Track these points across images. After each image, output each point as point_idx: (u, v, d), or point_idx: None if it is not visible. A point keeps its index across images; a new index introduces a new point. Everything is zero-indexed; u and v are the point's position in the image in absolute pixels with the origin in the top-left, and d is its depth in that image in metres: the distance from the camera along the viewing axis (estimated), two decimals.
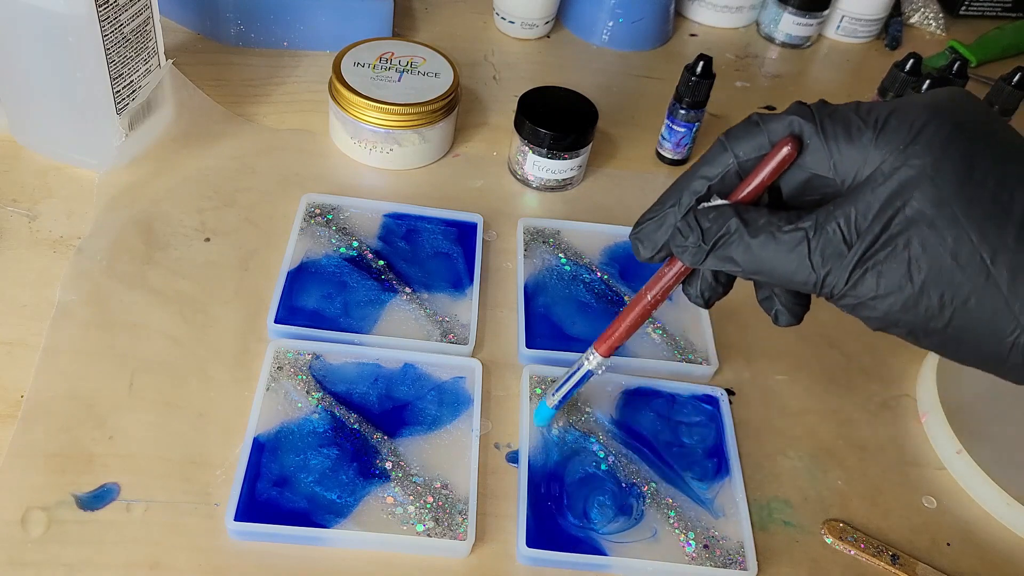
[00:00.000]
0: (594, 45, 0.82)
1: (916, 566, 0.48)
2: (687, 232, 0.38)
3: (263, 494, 0.45)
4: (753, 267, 0.36)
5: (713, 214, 0.37)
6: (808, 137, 0.35)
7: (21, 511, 0.43)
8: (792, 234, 0.35)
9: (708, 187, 0.38)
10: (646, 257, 0.41)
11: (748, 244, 0.36)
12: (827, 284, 0.35)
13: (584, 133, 0.63)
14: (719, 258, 0.37)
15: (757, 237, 0.36)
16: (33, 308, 0.51)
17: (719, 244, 0.37)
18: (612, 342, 0.45)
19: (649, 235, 0.40)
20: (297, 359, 0.51)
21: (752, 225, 0.36)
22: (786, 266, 0.35)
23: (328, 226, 0.58)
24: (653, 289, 0.43)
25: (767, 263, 0.36)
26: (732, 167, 0.37)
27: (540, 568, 0.45)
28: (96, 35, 0.52)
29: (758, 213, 0.36)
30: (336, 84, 0.62)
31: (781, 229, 0.35)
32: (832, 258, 0.34)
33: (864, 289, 0.34)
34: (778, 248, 0.35)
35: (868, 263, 0.34)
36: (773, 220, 0.35)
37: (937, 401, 0.54)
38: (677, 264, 0.41)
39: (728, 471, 0.50)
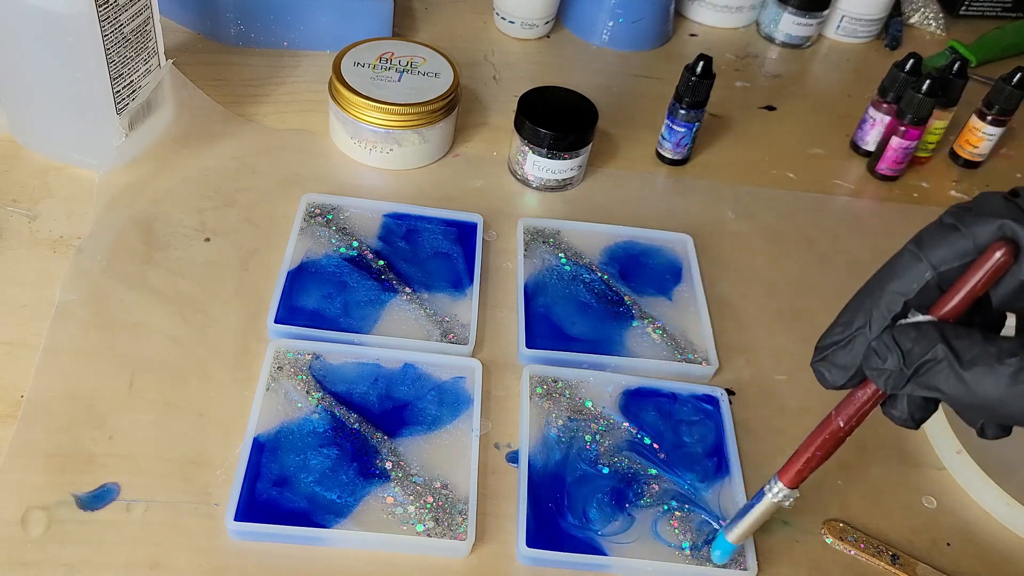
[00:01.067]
0: (594, 45, 0.82)
1: (916, 566, 0.48)
2: (884, 354, 0.33)
3: (263, 494, 0.45)
4: (966, 400, 0.32)
5: (915, 334, 0.33)
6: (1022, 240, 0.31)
7: (21, 511, 0.43)
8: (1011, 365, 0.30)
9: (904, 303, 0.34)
10: (836, 385, 0.36)
11: (959, 375, 0.32)
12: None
13: (584, 133, 0.63)
14: (923, 386, 0.33)
15: (971, 370, 0.31)
16: (33, 308, 0.51)
17: (922, 371, 0.33)
18: (801, 472, 0.40)
19: (837, 361, 0.36)
20: (297, 359, 0.51)
21: (964, 355, 0.32)
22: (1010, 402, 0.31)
23: (328, 226, 0.58)
24: (845, 414, 0.38)
25: (982, 397, 0.31)
26: (931, 279, 0.33)
27: (540, 568, 0.45)
28: (96, 35, 0.52)
29: (970, 339, 0.32)
30: (336, 84, 0.62)
31: (1001, 360, 0.31)
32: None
33: None
34: (997, 381, 0.31)
35: None
36: (989, 349, 0.31)
37: None
38: (869, 387, 0.36)
39: (728, 471, 0.50)
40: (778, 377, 0.56)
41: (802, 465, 0.40)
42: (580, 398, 0.52)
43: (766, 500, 0.42)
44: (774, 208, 0.68)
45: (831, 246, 0.66)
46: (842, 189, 0.71)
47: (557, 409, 0.51)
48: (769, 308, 0.60)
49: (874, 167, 0.72)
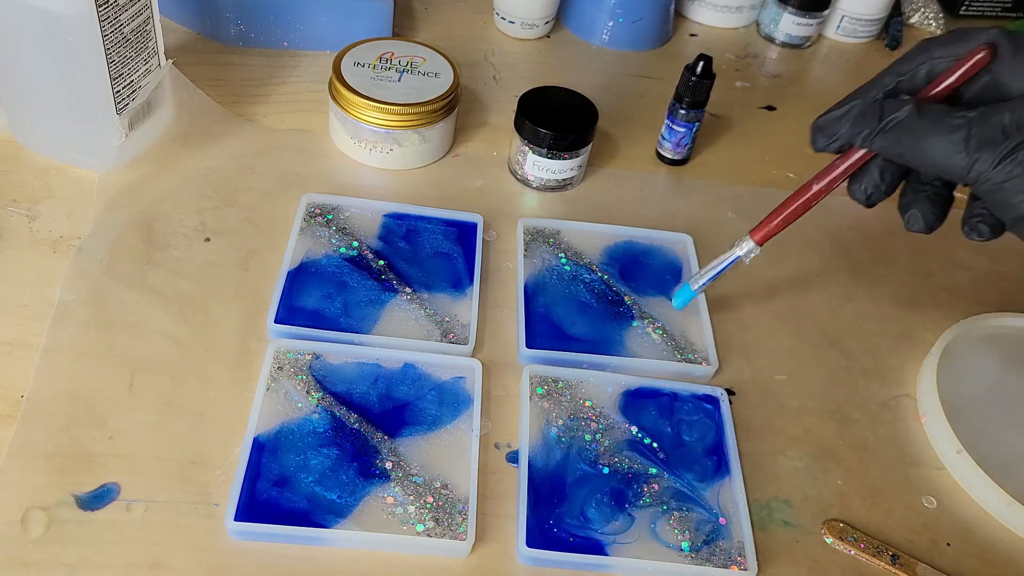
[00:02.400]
0: (594, 45, 0.82)
1: (916, 566, 0.48)
2: (869, 115, 0.41)
3: (263, 494, 0.45)
4: (913, 149, 0.40)
5: (893, 102, 0.41)
6: (1002, 47, 0.40)
7: (21, 511, 0.43)
8: (958, 120, 0.39)
9: (898, 83, 0.42)
10: (822, 146, 0.43)
11: (915, 127, 0.40)
12: (975, 168, 0.38)
13: (584, 133, 0.63)
14: (888, 139, 0.41)
15: (925, 119, 0.39)
16: (33, 308, 0.51)
17: (889, 126, 0.40)
18: (770, 230, 0.48)
19: (830, 124, 0.43)
20: (297, 359, 0.51)
21: (925, 111, 0.40)
22: (942, 148, 0.39)
23: (328, 226, 0.58)
24: (822, 180, 0.45)
25: (926, 145, 0.39)
26: (923, 68, 0.42)
27: (540, 568, 0.45)
28: (96, 35, 0.52)
29: (934, 105, 0.40)
30: (336, 84, 0.62)
31: (950, 114, 0.39)
32: (987, 145, 0.38)
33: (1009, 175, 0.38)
34: (940, 131, 0.39)
35: (1018, 154, 0.37)
36: (945, 110, 0.39)
37: (937, 401, 0.54)
38: (850, 158, 0.44)
39: (728, 471, 0.50)
40: (778, 377, 0.56)
41: (774, 225, 0.48)
42: (580, 398, 0.52)
43: (733, 253, 0.50)
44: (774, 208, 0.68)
45: (831, 246, 0.66)
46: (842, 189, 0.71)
47: (557, 409, 0.51)
48: (769, 308, 0.60)
49: None
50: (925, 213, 0.44)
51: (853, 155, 0.44)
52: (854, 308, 0.61)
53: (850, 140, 0.42)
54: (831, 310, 0.61)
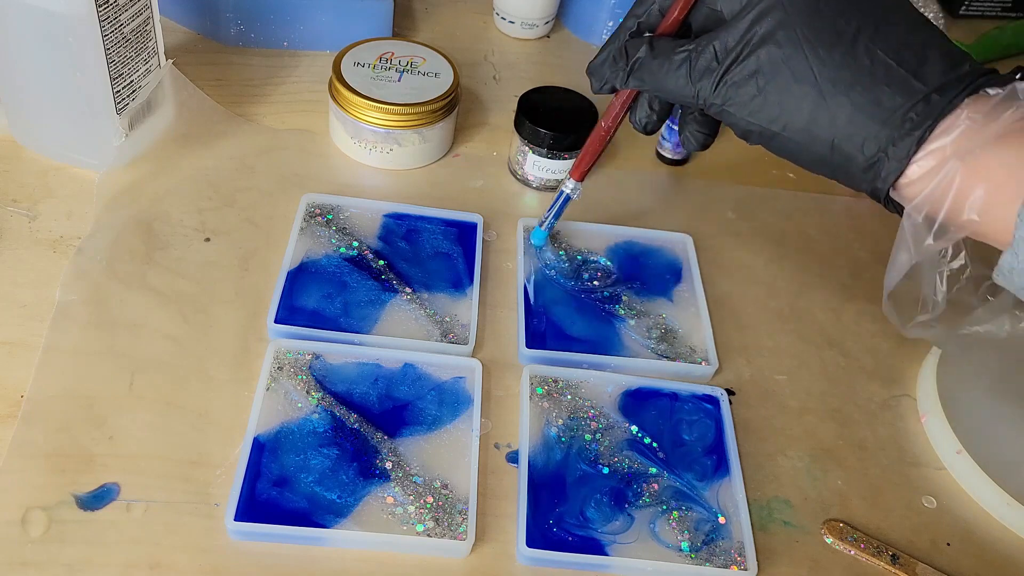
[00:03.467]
0: (594, 45, 0.82)
1: (916, 566, 0.48)
2: (619, 59, 0.46)
3: (263, 494, 0.45)
4: (654, 84, 0.45)
5: (635, 43, 0.46)
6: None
7: (21, 511, 0.43)
8: (681, 55, 0.43)
9: (638, 24, 0.47)
10: (596, 89, 0.49)
11: (651, 65, 0.45)
12: (700, 95, 0.43)
13: (584, 133, 0.63)
14: (635, 78, 0.46)
15: (657, 59, 0.44)
16: (33, 308, 0.51)
17: (635, 67, 0.46)
18: (581, 166, 0.55)
19: (596, 69, 0.48)
20: (297, 359, 0.51)
21: (656, 49, 0.45)
22: (674, 82, 0.44)
23: (328, 226, 0.58)
24: (607, 118, 0.52)
25: (662, 80, 0.44)
26: (655, 6, 0.47)
27: (540, 568, 0.45)
28: (96, 35, 0.52)
29: (664, 41, 0.45)
30: (336, 84, 0.62)
31: (675, 51, 0.44)
32: (705, 73, 0.42)
33: (725, 96, 0.42)
34: (670, 67, 0.44)
35: (729, 75, 0.42)
36: (672, 46, 0.44)
37: (937, 401, 0.54)
38: (621, 96, 0.50)
39: (728, 471, 0.50)
40: (778, 377, 0.56)
41: (583, 161, 0.55)
42: (580, 398, 0.52)
43: (563, 193, 0.56)
44: (774, 208, 0.68)
45: (831, 246, 0.66)
46: (842, 189, 0.71)
47: (557, 409, 0.51)
48: (769, 308, 0.60)
49: None
50: (694, 134, 0.48)
51: (624, 93, 0.50)
52: (854, 308, 0.61)
53: (612, 82, 0.47)
54: (831, 310, 0.61)
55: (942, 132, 0.38)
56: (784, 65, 0.40)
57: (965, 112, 0.38)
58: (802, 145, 0.42)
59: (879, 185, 0.40)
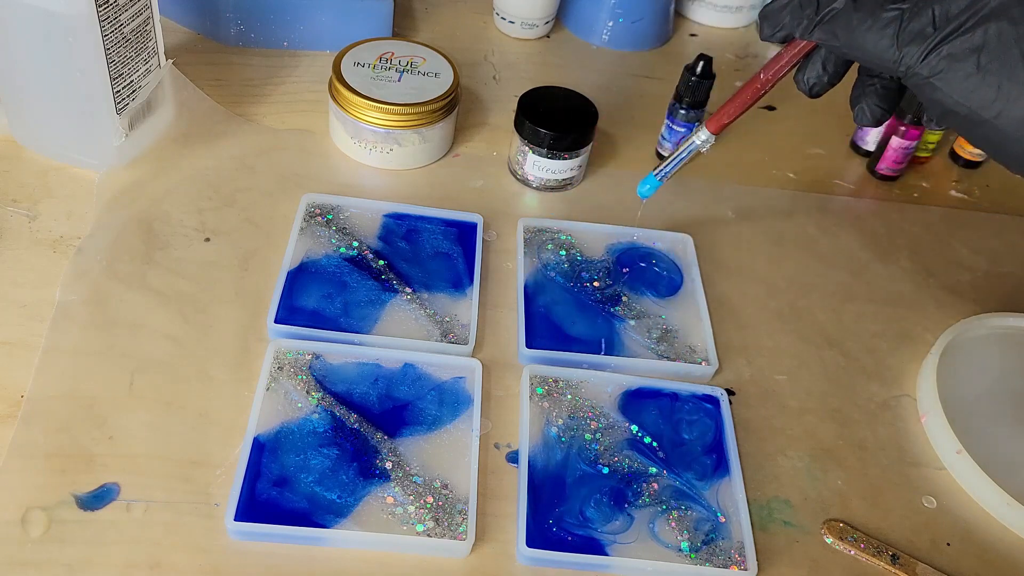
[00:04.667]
0: (594, 45, 0.82)
1: (916, 566, 0.48)
2: (806, 6, 0.42)
3: (263, 494, 0.45)
4: (848, 40, 0.40)
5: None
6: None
7: (21, 511, 0.43)
8: (890, 12, 0.39)
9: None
10: (768, 35, 0.44)
11: (850, 18, 0.40)
12: (904, 61, 0.39)
13: (584, 133, 0.63)
14: (826, 31, 0.41)
15: (860, 12, 0.40)
16: (33, 308, 0.51)
17: (826, 17, 0.41)
18: (722, 119, 0.49)
19: (773, 14, 0.43)
20: (297, 359, 0.51)
21: (860, 2, 0.40)
22: (875, 41, 0.39)
23: (328, 226, 0.58)
24: (768, 70, 0.47)
25: (860, 37, 0.40)
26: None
27: (540, 568, 0.45)
28: (96, 35, 0.52)
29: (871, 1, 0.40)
30: (336, 84, 0.62)
31: (883, 6, 0.39)
32: (917, 37, 0.38)
33: (935, 68, 0.38)
34: (874, 23, 0.39)
35: (946, 44, 0.37)
36: (880, 2, 0.39)
37: (937, 401, 0.54)
38: (793, 49, 0.45)
39: (728, 471, 0.50)
40: (778, 377, 0.56)
41: (726, 114, 0.50)
42: (580, 398, 0.52)
43: (692, 142, 0.51)
44: (774, 208, 0.68)
45: (831, 246, 0.66)
46: (842, 189, 0.72)
47: (557, 409, 0.51)
48: (769, 308, 0.60)
49: (874, 167, 0.73)
50: (871, 107, 0.45)
51: (797, 45, 0.45)
52: (854, 308, 0.61)
53: (791, 31, 0.43)
54: (831, 310, 0.61)
55: None
56: (1015, 45, 0.36)
57: None
58: (1015, 138, 0.37)
59: None
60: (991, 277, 0.66)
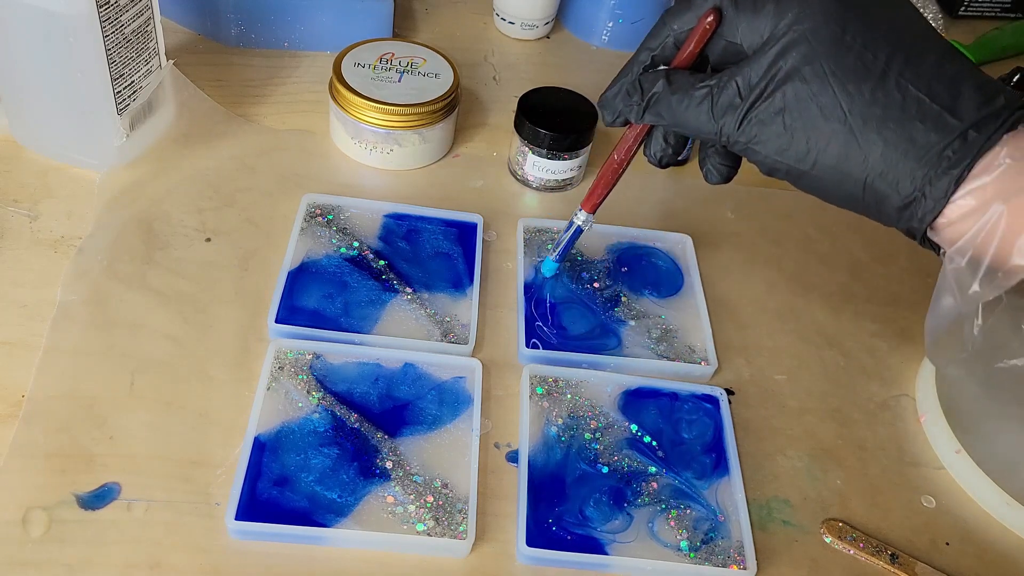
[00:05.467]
0: (594, 46, 0.82)
1: (915, 565, 0.48)
2: (633, 93, 0.45)
3: (264, 493, 0.45)
4: (672, 119, 0.44)
5: (651, 77, 0.44)
6: (726, 9, 0.42)
7: (22, 511, 0.43)
8: (701, 91, 0.42)
9: (652, 58, 0.45)
10: (609, 122, 0.47)
11: (670, 101, 0.43)
12: (723, 132, 0.42)
13: (584, 133, 0.63)
14: (652, 113, 0.45)
15: (676, 94, 0.43)
16: (33, 308, 0.51)
17: (651, 102, 0.44)
18: (593, 198, 0.54)
19: (609, 102, 0.47)
20: (298, 359, 0.51)
21: (675, 84, 0.43)
22: (695, 118, 0.42)
23: (328, 226, 0.58)
24: (620, 151, 0.50)
25: (681, 116, 0.43)
26: (670, 39, 0.44)
27: (540, 568, 0.45)
28: (97, 36, 0.52)
29: (683, 76, 0.43)
30: (336, 84, 0.63)
31: (695, 87, 0.42)
32: (728, 110, 0.41)
33: (750, 135, 0.41)
34: (690, 103, 0.42)
35: (754, 112, 0.40)
36: (691, 81, 0.43)
37: (936, 401, 0.54)
38: (635, 129, 0.49)
39: (728, 471, 0.50)
40: (778, 377, 0.56)
41: (596, 193, 0.53)
42: (580, 398, 0.52)
43: (575, 224, 0.55)
44: (774, 208, 0.68)
45: (831, 246, 0.66)
46: None
47: (557, 408, 0.51)
48: (769, 308, 0.60)
49: None
50: (718, 167, 0.47)
51: (638, 126, 0.48)
52: (854, 308, 0.62)
53: (625, 115, 0.46)
54: (831, 310, 0.61)
55: (982, 171, 0.37)
56: (811, 102, 0.39)
57: (1004, 150, 0.36)
58: (832, 183, 0.40)
59: (915, 225, 0.39)
60: None
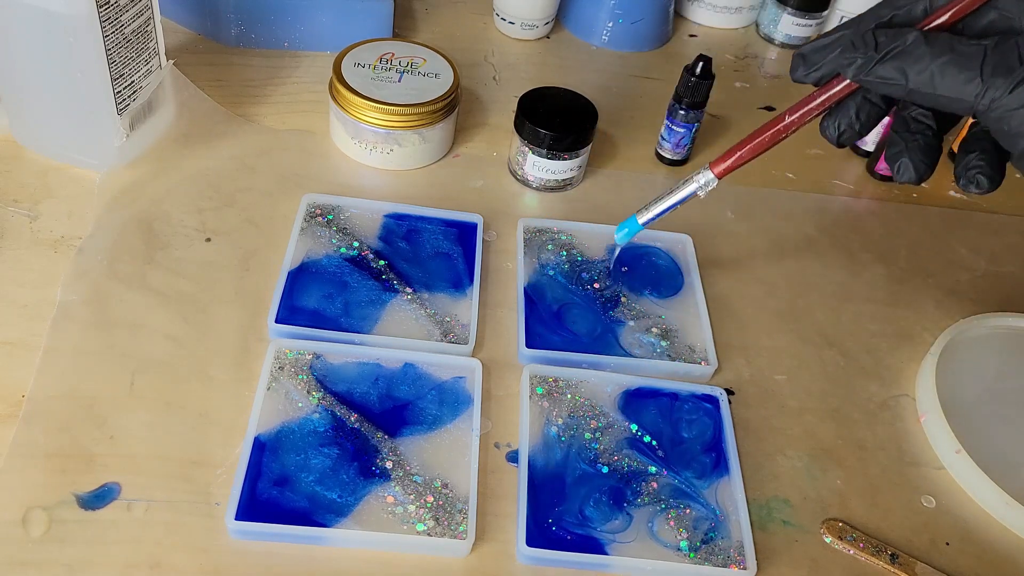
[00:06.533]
0: (594, 46, 0.82)
1: (915, 565, 0.48)
2: (860, 45, 0.38)
3: (264, 493, 0.45)
4: (920, 78, 0.37)
5: (892, 32, 0.38)
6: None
7: (22, 511, 0.43)
8: (973, 47, 0.37)
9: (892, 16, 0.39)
10: (800, 76, 0.41)
11: (923, 54, 0.37)
12: (988, 94, 0.36)
13: (584, 133, 0.63)
14: (891, 67, 0.38)
15: (935, 46, 0.37)
16: (34, 308, 0.51)
17: (891, 53, 0.38)
18: (733, 163, 0.44)
19: (815, 51, 0.40)
20: (298, 359, 0.51)
21: (932, 38, 0.37)
22: (952, 77, 0.37)
23: (329, 226, 0.58)
24: (797, 111, 0.42)
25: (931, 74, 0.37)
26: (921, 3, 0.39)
27: (540, 568, 0.45)
28: (97, 36, 0.52)
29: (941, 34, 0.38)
30: (336, 84, 0.63)
31: (962, 42, 0.37)
32: (1002, 71, 0.36)
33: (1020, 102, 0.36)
34: (953, 58, 0.37)
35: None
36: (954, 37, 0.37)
37: (936, 401, 0.54)
38: (832, 88, 0.41)
39: (728, 470, 0.50)
40: (778, 377, 0.56)
41: (738, 157, 0.44)
42: (580, 398, 0.52)
43: (689, 186, 0.46)
44: (774, 208, 0.68)
45: (831, 246, 0.66)
46: (842, 189, 0.72)
47: (557, 408, 0.51)
48: (769, 308, 0.60)
49: (873, 167, 0.73)
50: (916, 163, 0.41)
51: (833, 87, 0.41)
52: (854, 308, 0.62)
53: (839, 69, 0.40)
54: (831, 310, 0.61)
55: None
56: None
57: None
58: None
59: None
60: (990, 277, 0.66)
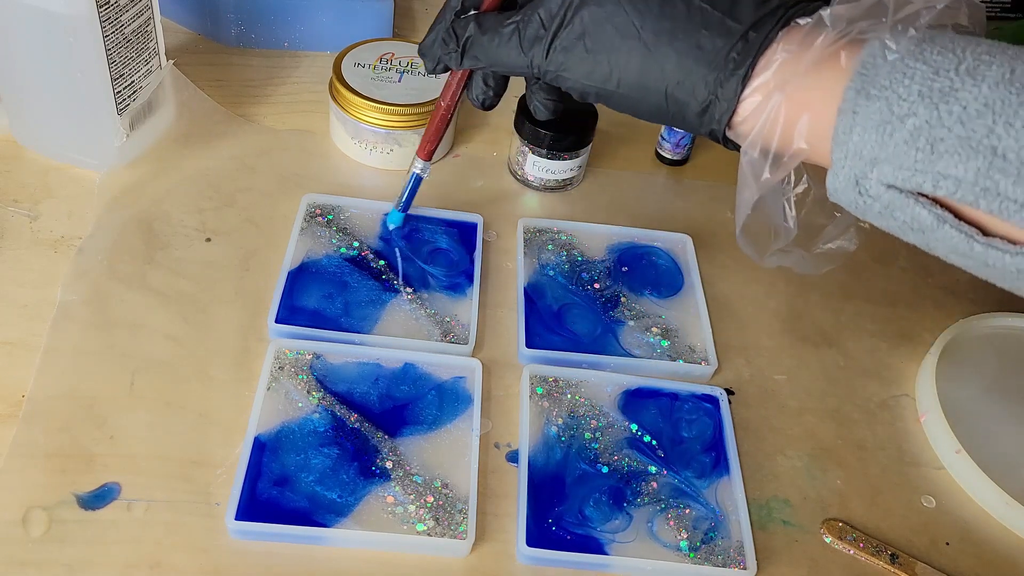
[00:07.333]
0: None
1: (915, 565, 0.48)
2: (448, 40, 0.47)
3: (264, 493, 0.45)
4: (488, 60, 0.45)
5: (463, 23, 0.46)
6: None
7: (22, 511, 0.43)
8: (509, 27, 0.44)
9: (462, 3, 0.47)
10: (430, 70, 0.49)
11: (482, 42, 0.45)
12: (534, 63, 0.43)
13: (584, 133, 0.63)
14: (469, 57, 0.46)
15: (487, 35, 0.45)
16: (34, 308, 0.51)
17: (467, 47, 0.46)
18: (427, 146, 0.55)
19: (428, 51, 0.48)
20: (298, 359, 0.51)
21: (484, 25, 0.45)
22: (507, 55, 0.44)
23: (329, 226, 0.58)
24: (444, 96, 0.52)
25: (495, 55, 0.45)
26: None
27: (540, 567, 0.45)
28: (97, 36, 0.52)
29: (491, 17, 0.45)
30: (336, 84, 0.63)
31: (503, 25, 0.44)
32: (535, 41, 0.43)
33: (557, 63, 0.43)
34: (500, 41, 0.44)
35: (557, 41, 0.42)
36: (500, 20, 0.44)
37: (936, 401, 0.54)
38: (457, 74, 0.50)
39: (727, 470, 0.50)
40: (777, 377, 0.56)
41: (427, 141, 0.54)
42: (580, 398, 0.52)
43: (414, 173, 0.56)
44: None
45: None
46: None
47: (557, 408, 0.51)
48: (768, 308, 0.60)
49: None
50: (544, 103, 0.49)
51: (459, 72, 0.50)
52: (854, 308, 0.62)
53: (445, 62, 0.47)
54: (831, 310, 0.61)
55: (763, 67, 0.39)
56: (607, 23, 0.41)
57: (780, 45, 0.39)
58: (638, 99, 0.42)
59: (715, 127, 0.41)
60: None
